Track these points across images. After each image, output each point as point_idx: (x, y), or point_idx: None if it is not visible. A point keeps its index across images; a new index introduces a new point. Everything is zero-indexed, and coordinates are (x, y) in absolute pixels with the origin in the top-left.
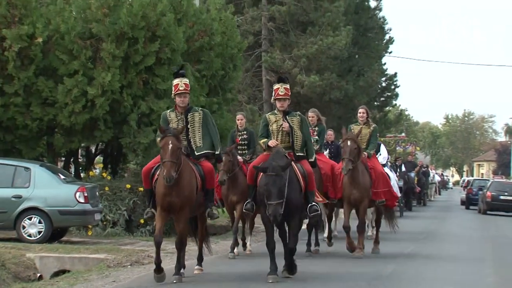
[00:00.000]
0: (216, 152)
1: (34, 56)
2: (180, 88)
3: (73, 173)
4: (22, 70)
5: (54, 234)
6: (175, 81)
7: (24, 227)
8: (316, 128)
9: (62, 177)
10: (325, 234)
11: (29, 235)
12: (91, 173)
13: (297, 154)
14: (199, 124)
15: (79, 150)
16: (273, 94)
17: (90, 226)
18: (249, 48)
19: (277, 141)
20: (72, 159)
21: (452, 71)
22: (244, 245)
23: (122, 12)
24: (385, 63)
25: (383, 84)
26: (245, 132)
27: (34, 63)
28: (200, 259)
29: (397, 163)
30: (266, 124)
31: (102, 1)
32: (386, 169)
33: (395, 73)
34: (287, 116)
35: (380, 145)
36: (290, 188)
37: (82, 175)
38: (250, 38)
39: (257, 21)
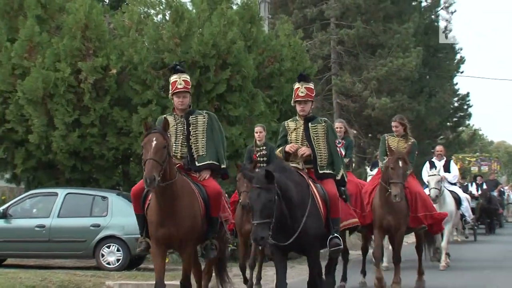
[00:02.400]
0: (223, 166)
1: (108, 87)
2: (179, 86)
3: None
4: (98, 101)
5: (132, 262)
6: (173, 78)
7: (103, 255)
8: (343, 141)
9: None
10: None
11: (108, 263)
12: None
13: (320, 171)
14: (203, 128)
15: None
16: (293, 95)
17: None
18: (319, 72)
19: None
20: None
21: None
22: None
23: (193, 42)
24: (456, 83)
25: (456, 104)
26: (264, 148)
27: (109, 94)
28: None
29: (477, 182)
30: (285, 134)
31: (173, 31)
32: (456, 188)
33: (468, 93)
34: (309, 123)
35: (450, 161)
36: (309, 214)
37: None
38: (320, 62)
39: (326, 45)
